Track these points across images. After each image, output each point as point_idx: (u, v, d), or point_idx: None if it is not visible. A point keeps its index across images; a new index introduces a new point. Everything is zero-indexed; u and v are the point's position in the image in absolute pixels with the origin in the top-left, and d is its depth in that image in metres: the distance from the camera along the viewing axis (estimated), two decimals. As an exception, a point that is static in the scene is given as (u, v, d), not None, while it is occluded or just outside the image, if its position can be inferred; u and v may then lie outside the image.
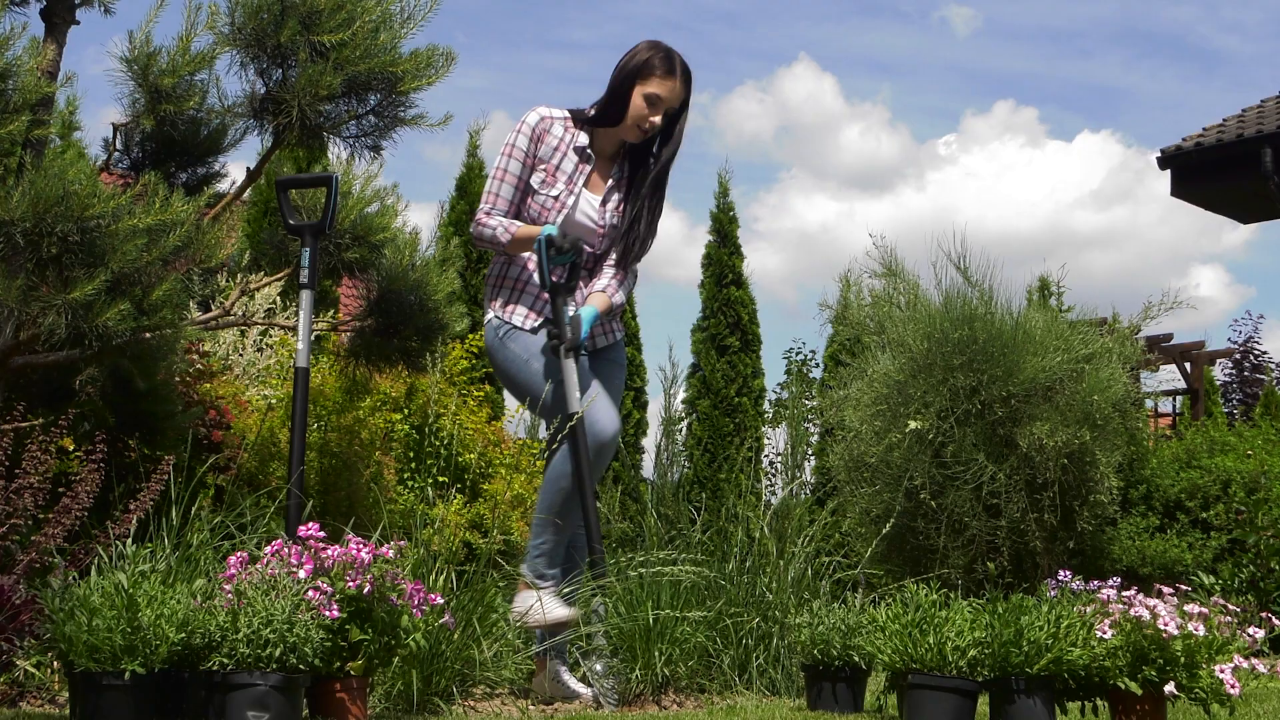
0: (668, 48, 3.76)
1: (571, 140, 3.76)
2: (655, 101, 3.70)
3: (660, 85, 3.70)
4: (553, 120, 3.77)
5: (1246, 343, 16.41)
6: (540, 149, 3.76)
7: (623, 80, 3.72)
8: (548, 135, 3.76)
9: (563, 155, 3.75)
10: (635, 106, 3.70)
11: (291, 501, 3.37)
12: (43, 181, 3.63)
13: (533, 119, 3.76)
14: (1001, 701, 2.86)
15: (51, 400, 4.33)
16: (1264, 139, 9.60)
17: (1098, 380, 6.01)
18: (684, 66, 3.75)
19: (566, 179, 3.75)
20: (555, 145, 3.75)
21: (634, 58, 3.73)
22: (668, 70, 3.71)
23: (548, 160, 3.75)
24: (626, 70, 3.72)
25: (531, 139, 3.75)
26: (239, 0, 4.29)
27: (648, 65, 3.71)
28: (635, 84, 3.70)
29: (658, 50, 3.74)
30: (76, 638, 2.64)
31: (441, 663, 3.15)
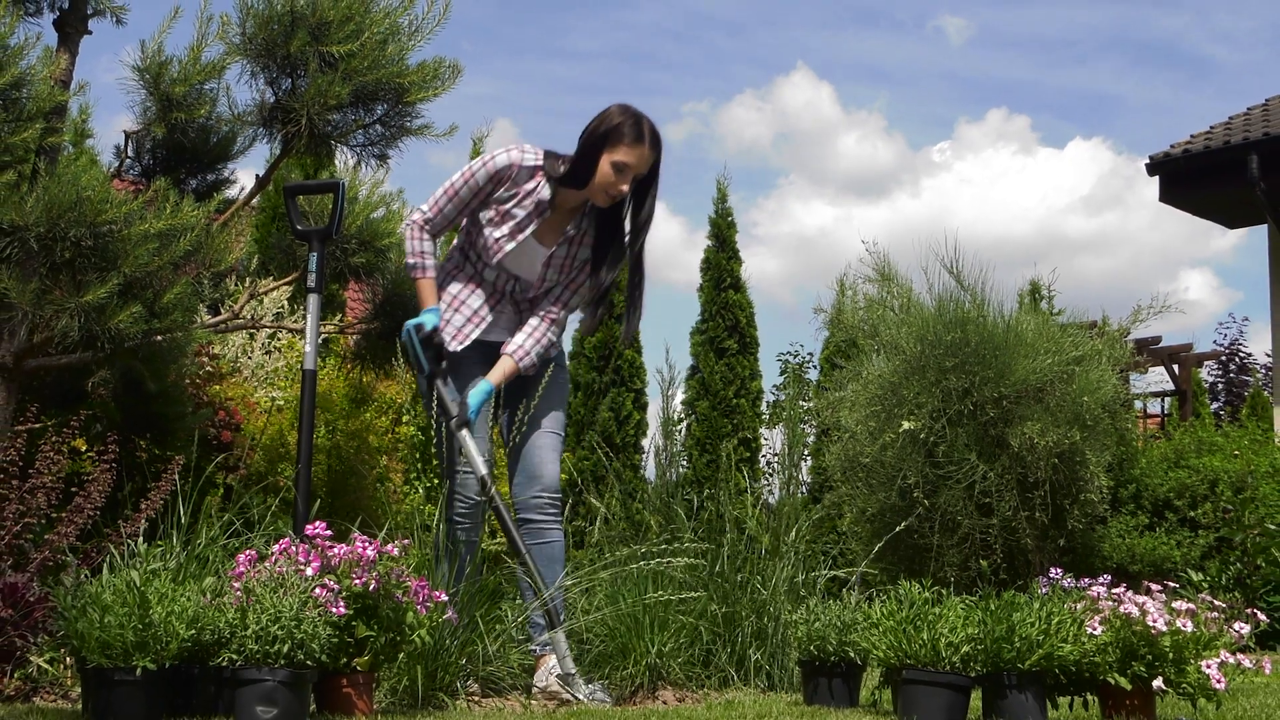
0: (637, 113, 3.61)
1: (534, 190, 3.63)
2: (623, 169, 3.57)
3: (629, 153, 3.56)
4: (521, 169, 3.62)
5: (1232, 345, 16.43)
6: (498, 191, 3.63)
7: (591, 144, 3.58)
8: (509, 181, 3.63)
9: (518, 203, 3.63)
10: (603, 173, 3.56)
11: (299, 500, 3.36)
12: (56, 187, 3.63)
13: (501, 161, 3.61)
14: (994, 696, 2.86)
15: (64, 401, 4.34)
16: (1251, 146, 9.60)
17: (1088, 382, 6.01)
18: (653, 133, 3.61)
19: (515, 224, 3.64)
20: (515, 192, 3.63)
21: (603, 123, 3.59)
22: (636, 137, 3.57)
23: (503, 203, 3.63)
24: (596, 135, 3.58)
25: (491, 178, 3.62)
26: (250, 11, 4.29)
27: (617, 131, 3.56)
28: (604, 150, 3.56)
29: (627, 116, 3.59)
30: (89, 634, 2.64)
31: (446, 658, 3.15)
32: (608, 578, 3.64)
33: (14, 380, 4.08)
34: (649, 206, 3.71)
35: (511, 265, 3.69)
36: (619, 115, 3.60)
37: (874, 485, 6.28)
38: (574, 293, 3.77)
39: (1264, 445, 7.25)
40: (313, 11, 4.26)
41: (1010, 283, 6.54)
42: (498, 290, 3.73)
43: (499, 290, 3.73)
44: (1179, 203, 10.63)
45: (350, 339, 5.43)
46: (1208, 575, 6.34)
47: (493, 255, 3.66)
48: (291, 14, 4.25)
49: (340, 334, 5.71)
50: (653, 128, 3.62)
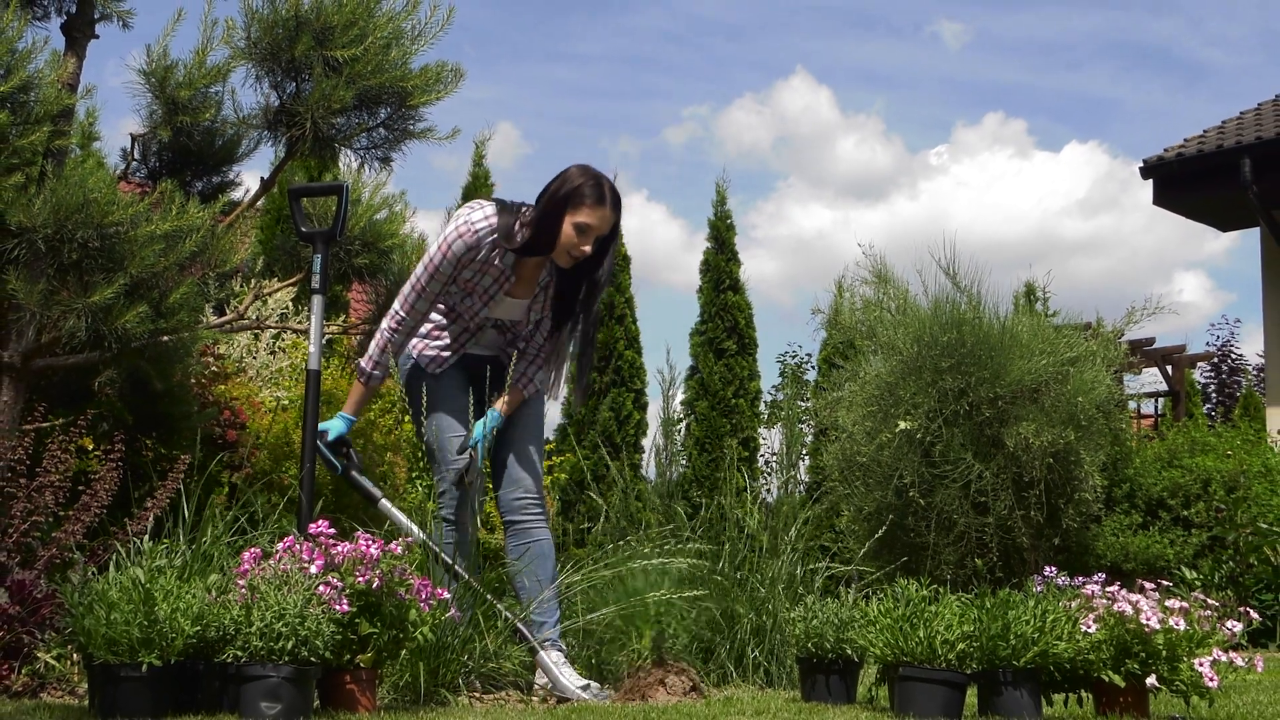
0: (598, 174, 3.56)
1: (497, 258, 3.57)
2: (585, 230, 3.52)
3: (590, 214, 3.51)
4: (479, 241, 3.54)
5: (1224, 346, 16.42)
6: (464, 271, 3.58)
7: (553, 208, 3.52)
8: (473, 261, 3.56)
9: (483, 274, 3.59)
10: (565, 235, 3.51)
11: (303, 498, 3.36)
12: (64, 189, 3.63)
13: (458, 248, 3.53)
14: (989, 693, 2.86)
15: (71, 401, 4.33)
16: (1243, 150, 9.60)
17: (1082, 382, 6.01)
18: (614, 194, 3.57)
19: (484, 293, 3.61)
20: (479, 268, 3.58)
21: (564, 184, 3.54)
22: (597, 199, 3.52)
23: (469, 279, 3.60)
24: (557, 198, 3.52)
25: (455, 264, 3.56)
26: (255, 15, 4.29)
27: (578, 193, 3.51)
28: (565, 212, 3.51)
29: (588, 178, 3.54)
30: (95, 631, 2.64)
31: (448, 655, 3.15)
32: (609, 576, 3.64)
33: (22, 380, 4.08)
34: (606, 267, 3.67)
35: (493, 314, 3.69)
36: (579, 177, 3.55)
37: (871, 484, 6.28)
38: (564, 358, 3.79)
39: (1256, 445, 7.26)
40: (317, 16, 4.26)
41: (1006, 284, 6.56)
42: (475, 324, 3.71)
43: (476, 324, 3.71)
44: (1173, 206, 10.63)
45: (354, 339, 5.43)
46: (1201, 574, 6.34)
47: (470, 320, 3.67)
48: (296, 18, 4.25)
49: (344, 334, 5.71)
50: (613, 188, 3.59)
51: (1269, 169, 9.58)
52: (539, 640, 3.40)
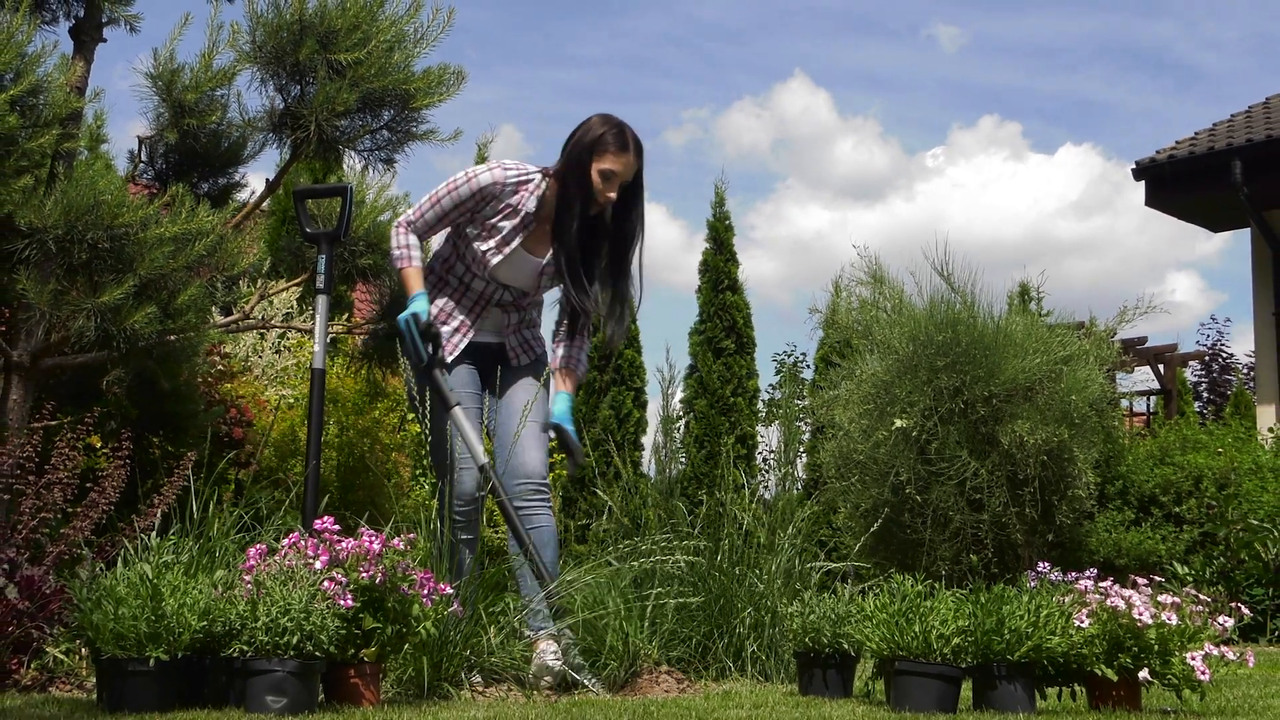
0: (619, 122, 3.60)
1: (519, 203, 3.61)
2: (610, 176, 3.55)
3: (615, 160, 3.55)
4: (504, 186, 3.59)
5: (1214, 346, 16.41)
6: (483, 208, 3.61)
7: (577, 156, 3.57)
8: (493, 199, 3.60)
9: (504, 217, 3.61)
10: (592, 182, 3.56)
11: (308, 495, 3.36)
12: (74, 191, 3.63)
13: (484, 179, 3.58)
14: (984, 687, 2.86)
15: (80, 399, 4.34)
16: (1234, 151, 9.60)
17: (1075, 381, 6.01)
18: (636, 140, 3.61)
19: (501, 238, 3.61)
20: (499, 208, 3.60)
21: (587, 133, 3.57)
22: (621, 145, 3.56)
23: (488, 219, 3.61)
24: (581, 145, 3.57)
25: (474, 195, 3.59)
26: (260, 19, 4.29)
27: (601, 141, 3.55)
28: (591, 160, 3.55)
29: (610, 125, 3.58)
30: (103, 626, 2.64)
31: (450, 649, 3.14)
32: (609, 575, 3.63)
33: (31, 378, 4.08)
34: (636, 214, 3.69)
35: (503, 276, 3.68)
36: (601, 125, 3.59)
37: (868, 481, 6.28)
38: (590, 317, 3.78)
39: (1247, 443, 7.26)
40: (321, 20, 4.26)
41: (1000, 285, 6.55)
42: (484, 297, 3.71)
43: (485, 297, 3.71)
44: (1165, 207, 10.63)
45: (358, 338, 5.43)
46: (1192, 569, 6.34)
47: (483, 267, 3.65)
48: (300, 22, 4.25)
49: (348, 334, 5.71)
50: (635, 135, 3.61)
51: (1260, 171, 9.58)
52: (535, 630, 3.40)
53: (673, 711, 2.78)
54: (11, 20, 3.59)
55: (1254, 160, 9.54)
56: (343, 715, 2.61)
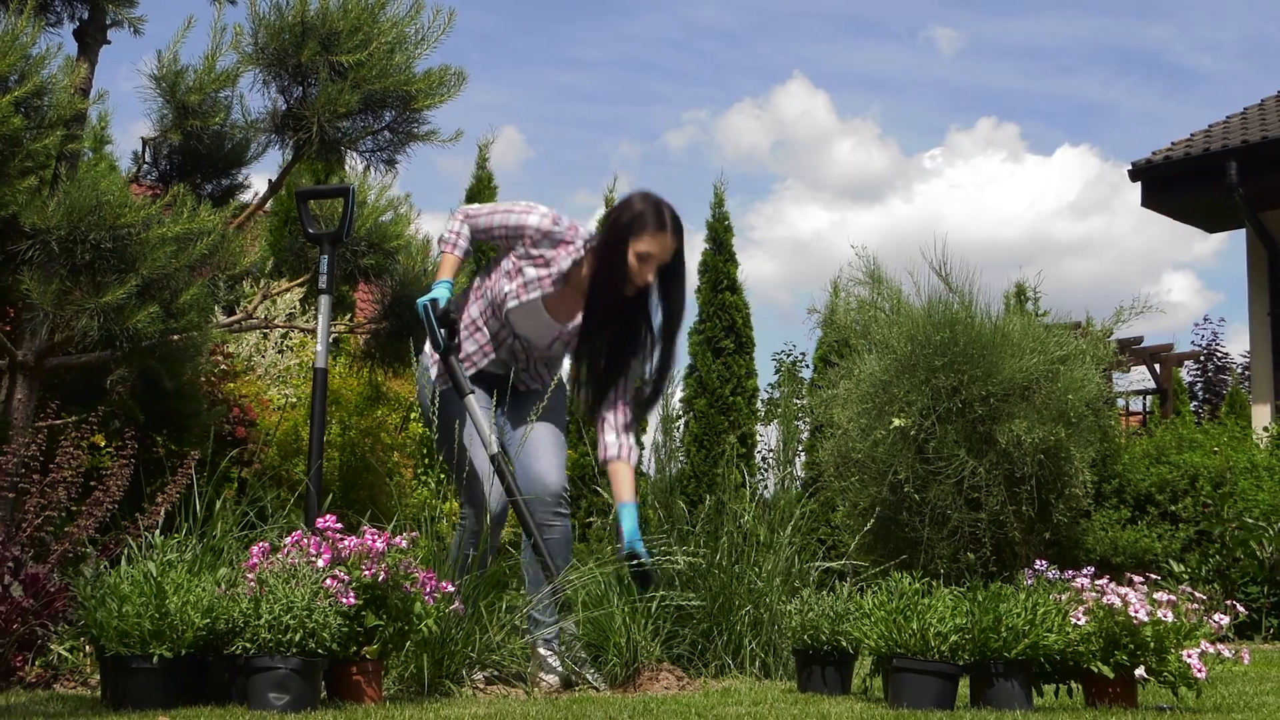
0: (658, 200, 3.49)
1: (553, 259, 3.53)
2: (647, 259, 3.45)
3: (652, 241, 3.43)
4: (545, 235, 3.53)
5: (1208, 345, 16.42)
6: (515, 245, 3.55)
7: (616, 235, 3.46)
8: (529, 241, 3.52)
9: (534, 264, 3.54)
10: (628, 263, 3.45)
11: (310, 494, 3.36)
12: (77, 192, 3.63)
13: (530, 220, 3.52)
14: (981, 684, 2.86)
15: (84, 399, 4.34)
16: (1229, 153, 9.59)
17: (1072, 380, 6.01)
18: (674, 219, 3.50)
19: (523, 282, 3.54)
20: (533, 254, 3.54)
21: (625, 211, 3.47)
22: (659, 225, 3.44)
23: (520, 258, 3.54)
24: (619, 224, 3.46)
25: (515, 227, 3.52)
26: (262, 21, 4.29)
27: (639, 219, 3.44)
28: (629, 239, 3.43)
29: (648, 203, 3.47)
30: (107, 623, 2.64)
31: (452, 647, 3.15)
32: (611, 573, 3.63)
33: (35, 378, 4.08)
34: (678, 294, 3.58)
35: (516, 322, 3.61)
36: (640, 203, 3.48)
37: (866, 480, 6.28)
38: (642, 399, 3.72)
39: (1242, 442, 7.25)
40: (322, 22, 4.26)
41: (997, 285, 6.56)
42: (497, 338, 3.66)
43: (498, 339, 3.66)
44: (1160, 208, 10.62)
45: (360, 338, 5.43)
46: (1188, 567, 6.34)
47: (500, 308, 3.59)
48: (302, 24, 4.25)
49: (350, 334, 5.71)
50: (674, 214, 3.50)
51: (1255, 172, 9.58)
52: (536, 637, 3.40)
53: (672, 708, 2.78)
54: (16, 22, 3.59)
55: (1249, 161, 9.54)
56: (345, 712, 2.61)
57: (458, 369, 3.54)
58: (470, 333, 3.66)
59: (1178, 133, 10.82)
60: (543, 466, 3.59)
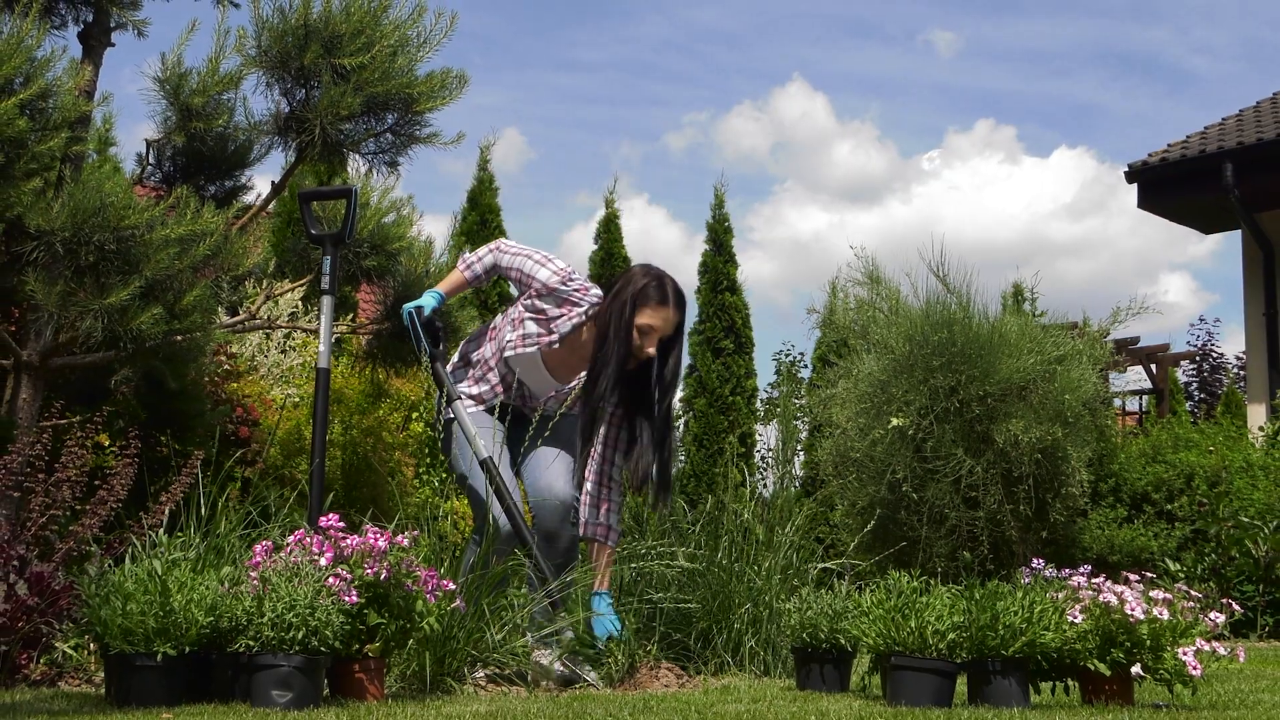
0: (660, 273, 3.50)
1: (557, 318, 3.54)
2: (648, 332, 3.45)
3: (654, 315, 3.45)
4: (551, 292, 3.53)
5: (1204, 346, 16.42)
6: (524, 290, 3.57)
7: (618, 308, 3.46)
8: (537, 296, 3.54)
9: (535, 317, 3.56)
10: (632, 337, 3.46)
11: (313, 493, 3.36)
12: (81, 194, 3.63)
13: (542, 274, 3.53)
14: (979, 682, 2.86)
15: (88, 399, 4.34)
16: (1225, 154, 9.59)
17: (1069, 380, 6.01)
18: (677, 294, 3.50)
19: (523, 334, 3.56)
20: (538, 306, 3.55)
21: (628, 284, 3.47)
22: (661, 299, 3.46)
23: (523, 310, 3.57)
24: (621, 298, 3.46)
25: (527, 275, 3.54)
26: (265, 24, 4.29)
27: (642, 294, 3.44)
28: (633, 314, 3.44)
29: (650, 277, 3.48)
30: (112, 621, 2.64)
31: (454, 645, 3.15)
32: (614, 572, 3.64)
33: (40, 378, 4.08)
34: (673, 365, 3.56)
35: (516, 368, 3.62)
36: (642, 277, 3.48)
37: (864, 479, 6.28)
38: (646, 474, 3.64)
39: (1238, 442, 7.25)
40: (325, 25, 4.26)
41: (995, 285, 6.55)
42: (506, 383, 3.66)
43: (507, 383, 3.66)
44: (1156, 209, 10.62)
45: (362, 339, 5.43)
46: (1184, 566, 6.34)
47: (502, 352, 3.62)
48: (305, 27, 4.26)
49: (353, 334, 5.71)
50: (677, 289, 3.50)
51: (1251, 173, 9.58)
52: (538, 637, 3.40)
53: (672, 705, 2.78)
54: (21, 25, 3.59)
55: (1245, 163, 9.54)
56: (347, 709, 2.61)
57: (444, 374, 3.57)
58: (483, 373, 3.68)
59: (1174, 135, 10.82)
60: (551, 477, 3.60)
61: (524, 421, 3.66)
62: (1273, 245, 9.97)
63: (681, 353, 3.61)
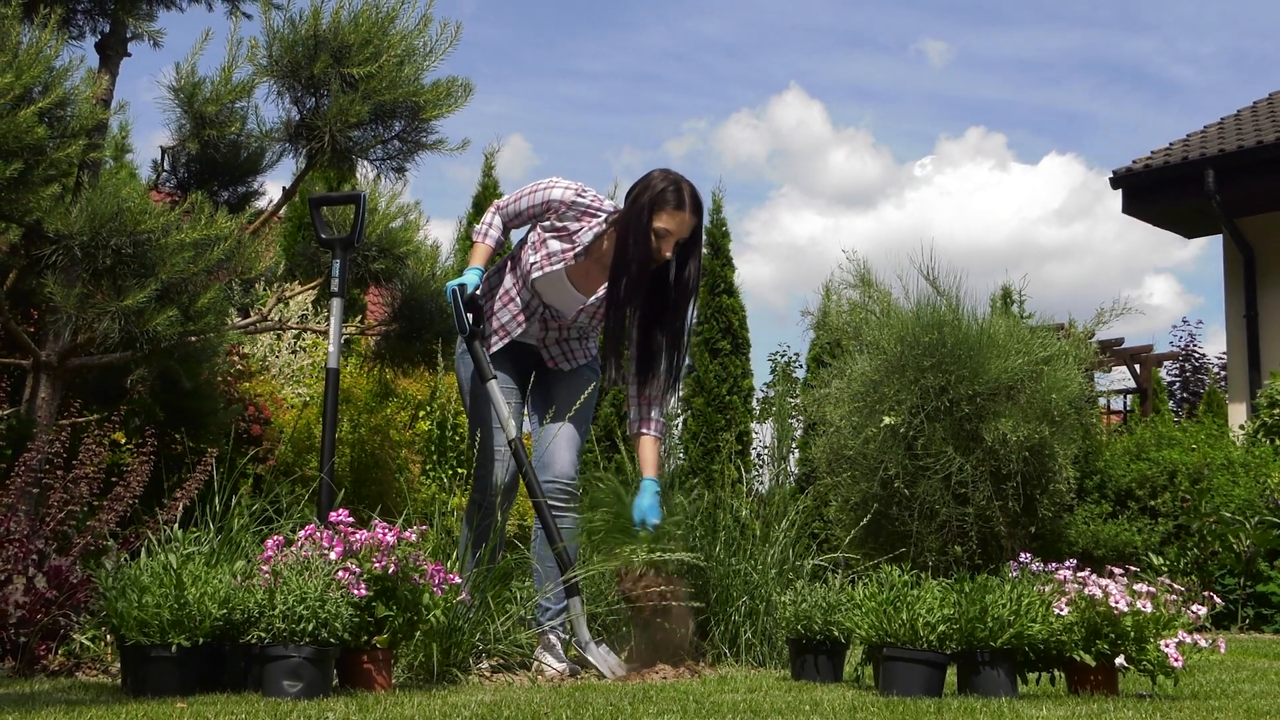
0: (679, 178, 3.42)
1: (577, 231, 3.48)
2: (665, 235, 3.38)
3: (670, 219, 3.36)
4: (568, 207, 3.46)
5: (1186, 347, 16.44)
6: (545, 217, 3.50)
7: (636, 212, 3.38)
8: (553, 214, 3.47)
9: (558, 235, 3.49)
10: (650, 240, 3.38)
11: (323, 489, 3.36)
12: (98, 199, 3.64)
13: (554, 194, 3.47)
14: (968, 672, 2.86)
15: (105, 398, 4.34)
16: (1207, 161, 9.60)
17: (1055, 380, 6.01)
18: (694, 198, 3.41)
19: (547, 254, 3.50)
20: (556, 225, 3.49)
21: (646, 188, 3.40)
22: (678, 203, 3.37)
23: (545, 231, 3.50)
24: (640, 201, 3.39)
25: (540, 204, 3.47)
26: (276, 35, 4.30)
27: (660, 197, 3.36)
28: (650, 216, 3.36)
29: (669, 181, 3.40)
30: (128, 613, 2.64)
31: (459, 637, 3.15)
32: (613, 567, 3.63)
33: (58, 378, 4.08)
34: (692, 271, 3.50)
35: (543, 290, 3.57)
36: (661, 180, 3.41)
37: (857, 476, 6.28)
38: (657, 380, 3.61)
39: (1219, 440, 7.25)
40: (334, 35, 4.26)
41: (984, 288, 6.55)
42: (530, 309, 3.62)
43: (532, 309, 3.62)
44: (1141, 214, 10.62)
45: (370, 340, 5.43)
46: (1167, 560, 6.34)
47: (528, 277, 3.55)
48: (315, 38, 4.26)
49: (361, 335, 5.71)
50: (693, 192, 3.42)
51: (1232, 179, 9.58)
52: (545, 624, 3.40)
53: (671, 695, 2.78)
54: (40, 36, 3.59)
55: (1226, 169, 9.54)
56: (356, 699, 2.62)
57: (481, 354, 3.51)
58: (504, 303, 3.61)
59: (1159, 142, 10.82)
60: (555, 450, 3.57)
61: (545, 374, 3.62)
62: (1253, 249, 9.97)
63: (700, 258, 3.53)
